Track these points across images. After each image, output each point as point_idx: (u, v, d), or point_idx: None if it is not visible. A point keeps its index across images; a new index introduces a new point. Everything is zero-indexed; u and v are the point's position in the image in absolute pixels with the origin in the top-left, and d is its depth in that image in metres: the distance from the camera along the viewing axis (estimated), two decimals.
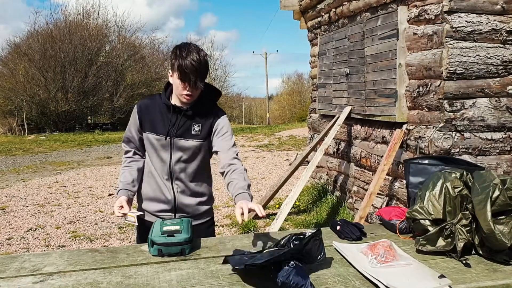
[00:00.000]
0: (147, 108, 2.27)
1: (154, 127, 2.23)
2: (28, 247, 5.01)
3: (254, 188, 7.92)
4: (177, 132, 2.20)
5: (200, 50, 2.10)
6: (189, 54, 2.05)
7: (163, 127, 2.22)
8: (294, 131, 20.18)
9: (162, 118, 2.23)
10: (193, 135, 2.21)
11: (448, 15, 3.76)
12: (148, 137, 2.26)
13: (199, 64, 2.05)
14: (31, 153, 14.61)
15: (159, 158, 2.25)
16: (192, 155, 2.24)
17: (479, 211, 1.72)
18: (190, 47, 2.09)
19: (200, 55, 2.07)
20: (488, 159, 3.87)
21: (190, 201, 2.29)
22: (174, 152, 2.22)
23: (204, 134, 2.23)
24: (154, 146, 2.25)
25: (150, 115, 2.25)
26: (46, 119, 26.56)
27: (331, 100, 6.25)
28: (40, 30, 28.02)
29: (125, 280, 1.60)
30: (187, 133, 2.21)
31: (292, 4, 7.47)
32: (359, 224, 2.14)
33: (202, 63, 2.07)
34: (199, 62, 2.05)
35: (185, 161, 2.24)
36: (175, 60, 2.08)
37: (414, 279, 1.54)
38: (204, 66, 2.09)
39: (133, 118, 2.31)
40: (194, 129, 2.22)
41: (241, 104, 52.78)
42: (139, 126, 2.28)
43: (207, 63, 2.11)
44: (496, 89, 3.84)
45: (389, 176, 4.67)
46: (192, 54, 2.05)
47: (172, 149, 2.22)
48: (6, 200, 7.30)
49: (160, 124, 2.22)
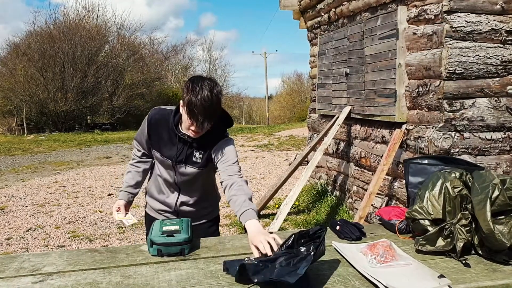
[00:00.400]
0: (156, 125, 2.20)
1: (159, 147, 2.21)
2: (28, 247, 5.01)
3: (253, 188, 7.92)
4: (179, 157, 2.19)
5: (214, 87, 1.98)
6: (200, 91, 1.93)
7: (168, 151, 2.20)
8: (294, 131, 20.18)
9: (168, 141, 2.19)
10: (194, 162, 2.20)
11: (447, 15, 3.76)
12: (154, 154, 2.27)
13: (210, 104, 1.94)
14: (30, 153, 14.60)
15: (166, 172, 2.27)
16: (195, 179, 2.26)
17: (478, 211, 1.72)
18: (204, 83, 1.97)
19: (213, 93, 1.95)
20: (488, 159, 3.87)
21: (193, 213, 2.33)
22: (179, 175, 2.24)
23: (203, 162, 2.20)
24: (161, 163, 2.27)
25: (158, 134, 2.21)
26: (46, 119, 26.54)
27: (331, 100, 6.25)
28: (40, 30, 28.02)
29: (124, 280, 1.60)
30: (189, 159, 2.19)
31: (292, 4, 7.47)
32: (359, 224, 2.14)
33: (214, 103, 1.96)
34: (210, 102, 1.94)
35: (190, 183, 2.27)
36: (186, 94, 1.97)
37: (413, 279, 1.54)
38: (216, 105, 1.97)
39: (143, 129, 2.26)
40: (195, 156, 2.18)
41: (241, 104, 52.82)
42: (148, 139, 2.25)
43: (219, 101, 1.99)
44: (496, 89, 3.84)
45: (389, 176, 4.67)
46: (203, 92, 1.93)
47: (176, 172, 2.24)
48: (6, 200, 7.30)
49: (166, 147, 2.20)
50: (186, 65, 43.76)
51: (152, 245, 1.84)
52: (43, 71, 25.68)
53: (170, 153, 2.19)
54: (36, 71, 25.53)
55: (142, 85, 30.43)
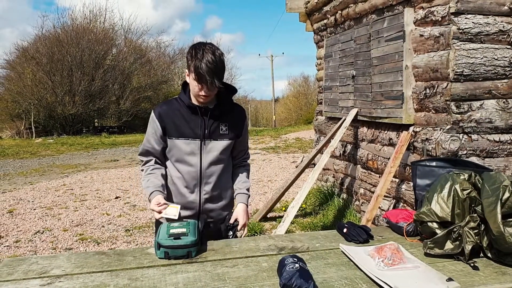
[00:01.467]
0: (168, 114, 2.21)
1: (181, 132, 2.18)
2: (36, 249, 5.04)
3: (260, 191, 7.92)
4: (207, 133, 2.19)
5: (216, 50, 2.06)
6: (204, 55, 2.01)
7: (192, 130, 2.18)
8: (300, 133, 20.16)
9: (187, 121, 2.19)
10: (221, 135, 2.21)
11: (454, 16, 3.74)
12: (175, 144, 2.20)
13: (215, 65, 2.01)
14: (38, 156, 14.71)
15: (187, 164, 2.21)
16: (221, 156, 2.24)
17: (489, 213, 1.71)
18: (205, 47, 2.05)
19: (216, 55, 2.03)
20: (496, 161, 3.84)
21: (215, 206, 2.31)
22: (204, 154, 2.20)
23: (232, 134, 2.24)
24: (182, 151, 2.20)
25: (174, 120, 2.19)
26: (54, 122, 26.75)
27: (338, 102, 6.24)
28: (48, 34, 28.29)
29: (132, 283, 1.61)
30: (216, 133, 2.20)
31: (298, 6, 7.47)
32: (366, 227, 2.13)
33: (218, 63, 2.03)
34: (215, 63, 2.01)
35: (215, 163, 2.23)
36: (191, 61, 2.05)
37: (421, 282, 1.53)
38: (220, 66, 2.05)
39: (153, 128, 2.23)
40: (222, 129, 2.21)
41: (247, 107, 52.86)
42: (162, 134, 2.21)
43: (223, 62, 2.07)
44: (504, 91, 3.82)
45: (396, 179, 4.65)
46: (208, 55, 2.01)
47: (202, 152, 2.20)
48: (14, 203, 7.35)
49: (189, 128, 2.18)
50: None
51: (159, 248, 1.84)
52: (51, 74, 25.91)
53: (196, 131, 2.18)
54: (44, 74, 25.75)
55: (149, 88, 30.58)
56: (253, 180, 8.98)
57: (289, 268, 1.53)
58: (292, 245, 1.99)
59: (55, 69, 26.06)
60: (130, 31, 33.08)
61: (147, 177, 2.24)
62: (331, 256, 1.84)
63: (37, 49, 26.89)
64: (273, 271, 1.67)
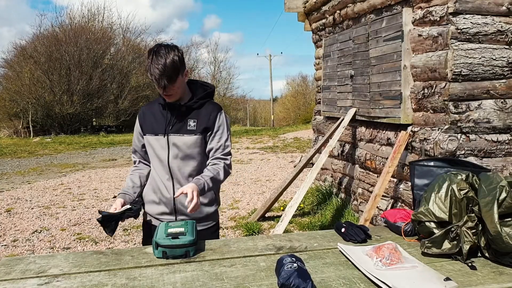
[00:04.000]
0: (146, 112, 2.35)
1: (152, 128, 2.27)
2: (33, 249, 5.03)
3: (258, 190, 7.92)
4: (172, 128, 2.23)
5: (168, 52, 2.09)
6: (154, 60, 2.07)
7: (160, 126, 2.25)
8: (299, 133, 20.17)
9: (159, 117, 2.27)
10: (188, 131, 2.23)
11: (453, 16, 3.75)
12: (147, 140, 2.30)
13: (164, 68, 2.06)
14: (36, 155, 14.68)
15: (158, 159, 2.27)
16: (189, 152, 2.24)
17: (485, 213, 1.71)
18: (158, 51, 2.09)
19: (168, 58, 2.07)
20: (494, 161, 3.84)
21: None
22: (171, 149, 2.24)
23: (200, 130, 2.24)
24: (153, 147, 2.28)
25: (149, 118, 2.31)
26: (51, 121, 26.69)
27: (336, 102, 6.24)
28: (46, 33, 28.22)
29: (129, 282, 1.60)
30: (183, 129, 2.23)
31: (297, 6, 7.47)
32: (364, 227, 2.13)
33: (168, 66, 2.06)
34: (164, 66, 2.06)
35: (182, 158, 2.24)
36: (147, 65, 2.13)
37: (419, 282, 1.53)
38: (171, 68, 2.07)
39: (136, 126, 2.38)
40: (190, 124, 2.24)
41: (246, 106, 52.86)
42: (141, 131, 2.34)
43: (173, 63, 2.08)
44: (502, 91, 3.82)
45: (394, 178, 4.65)
46: (158, 60, 2.06)
47: (169, 146, 2.24)
48: (12, 202, 7.34)
49: (157, 124, 2.26)
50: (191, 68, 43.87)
51: (157, 247, 1.84)
52: (49, 73, 25.85)
53: (162, 126, 2.25)
54: (42, 73, 25.70)
55: (147, 87, 30.53)
56: (251, 179, 8.98)
57: (287, 267, 1.53)
58: (290, 244, 1.99)
59: (53, 68, 26.01)
60: (129, 30, 33.08)
61: (127, 178, 2.40)
62: (329, 256, 1.84)
63: (35, 48, 26.82)
64: (271, 271, 1.67)
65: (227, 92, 45.95)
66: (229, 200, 7.24)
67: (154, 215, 2.33)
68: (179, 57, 2.12)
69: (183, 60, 2.17)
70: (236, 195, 7.59)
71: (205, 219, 2.31)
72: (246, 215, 6.30)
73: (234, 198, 7.40)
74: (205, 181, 2.12)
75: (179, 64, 2.12)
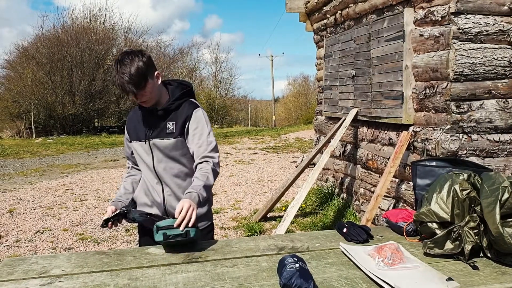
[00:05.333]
0: (131, 118, 2.36)
1: (136, 134, 2.28)
2: (36, 249, 5.04)
3: (260, 191, 7.92)
4: (153, 133, 2.23)
5: (132, 60, 2.06)
6: (119, 70, 2.06)
7: (142, 132, 2.26)
8: (300, 133, 20.17)
9: (141, 123, 2.27)
10: (167, 134, 2.22)
11: (454, 16, 3.74)
12: (133, 146, 2.31)
13: (129, 77, 2.04)
14: (38, 156, 14.71)
15: (145, 164, 2.28)
16: (172, 155, 2.24)
17: (487, 214, 1.71)
18: (122, 60, 2.07)
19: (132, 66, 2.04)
20: (496, 161, 3.84)
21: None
22: (154, 153, 2.24)
23: (178, 131, 2.22)
24: (138, 153, 2.29)
25: (134, 124, 2.32)
26: (54, 122, 26.74)
27: (337, 102, 6.24)
28: (48, 33, 28.28)
29: (131, 283, 1.61)
30: (162, 132, 2.23)
31: (298, 6, 7.47)
32: (366, 227, 2.13)
33: (133, 74, 2.04)
34: (130, 74, 2.03)
35: (166, 161, 2.24)
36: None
37: (421, 282, 1.53)
38: (136, 74, 2.04)
39: (125, 133, 2.39)
40: (169, 127, 2.22)
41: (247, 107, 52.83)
42: (128, 138, 2.35)
43: (138, 69, 2.05)
44: (504, 91, 3.82)
45: (396, 178, 4.65)
46: (123, 69, 2.05)
47: (152, 151, 2.24)
48: (14, 202, 7.35)
49: (140, 130, 2.27)
50: (193, 68, 43.93)
51: (157, 231, 1.87)
52: (51, 74, 25.89)
53: (144, 131, 2.25)
54: (44, 74, 25.74)
55: None
56: (253, 180, 8.98)
57: (289, 267, 1.53)
58: (292, 244, 1.99)
59: (55, 69, 26.06)
60: (130, 31, 33.17)
61: (121, 185, 2.44)
62: (331, 256, 1.84)
63: (37, 49, 26.88)
64: (273, 271, 1.67)
65: (228, 92, 46.00)
66: (231, 200, 7.24)
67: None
68: (144, 62, 2.08)
69: (151, 64, 2.13)
70: (238, 196, 7.60)
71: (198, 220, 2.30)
72: (248, 215, 6.30)
73: (236, 198, 7.41)
74: (198, 193, 2.03)
75: (145, 69, 2.08)
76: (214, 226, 2.45)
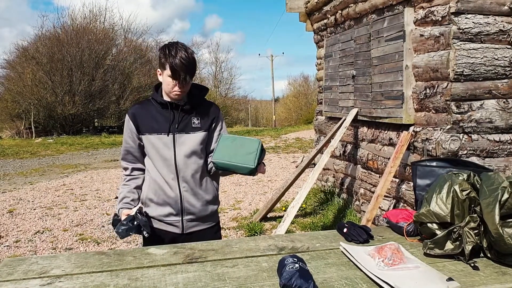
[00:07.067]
0: (140, 112, 2.29)
1: (153, 128, 2.25)
2: (36, 249, 5.04)
3: (260, 191, 7.92)
4: (178, 127, 2.23)
5: (188, 48, 2.18)
6: (178, 52, 2.12)
7: (163, 125, 2.24)
8: (301, 133, 20.17)
9: (159, 117, 2.25)
10: (194, 128, 2.25)
11: (455, 16, 3.74)
12: (148, 139, 2.25)
13: (188, 61, 2.12)
14: (38, 156, 14.71)
15: (162, 158, 2.23)
16: (195, 149, 2.25)
17: (487, 214, 1.71)
18: (178, 46, 2.17)
19: (188, 52, 2.15)
20: (496, 161, 3.84)
21: (197, 201, 2.27)
22: (178, 148, 2.23)
23: (205, 126, 2.28)
24: (155, 147, 2.24)
25: (146, 118, 2.27)
26: (54, 122, 26.75)
27: (338, 102, 6.24)
28: (48, 33, 28.28)
29: (131, 283, 1.60)
30: (188, 127, 2.25)
31: (298, 6, 7.47)
32: (366, 227, 2.12)
33: (191, 61, 2.15)
34: (188, 60, 2.13)
35: (189, 156, 2.24)
36: (165, 59, 2.15)
37: (422, 282, 1.53)
38: (193, 63, 2.16)
39: (127, 127, 2.31)
40: (194, 122, 2.27)
41: (247, 107, 52.82)
42: (136, 132, 2.28)
43: (195, 60, 2.19)
44: (504, 91, 3.81)
45: (396, 179, 4.65)
46: (181, 52, 2.12)
47: (175, 145, 2.23)
48: (14, 202, 7.35)
49: (159, 123, 2.24)
50: None
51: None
52: (51, 74, 25.90)
53: (165, 125, 2.24)
54: (44, 74, 25.75)
55: (149, 88, 30.55)
56: (253, 180, 8.98)
57: (289, 268, 1.53)
58: (292, 245, 1.99)
59: (55, 69, 26.06)
60: (130, 31, 33.11)
61: (121, 189, 2.35)
62: (331, 256, 1.84)
63: (37, 49, 26.89)
64: (273, 271, 1.67)
65: (228, 92, 45.99)
66: (231, 200, 7.24)
67: (158, 217, 2.29)
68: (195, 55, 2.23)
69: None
70: (238, 196, 7.60)
71: (208, 218, 2.34)
72: (248, 215, 6.30)
73: (236, 198, 7.41)
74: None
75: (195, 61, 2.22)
76: (220, 226, 2.48)
